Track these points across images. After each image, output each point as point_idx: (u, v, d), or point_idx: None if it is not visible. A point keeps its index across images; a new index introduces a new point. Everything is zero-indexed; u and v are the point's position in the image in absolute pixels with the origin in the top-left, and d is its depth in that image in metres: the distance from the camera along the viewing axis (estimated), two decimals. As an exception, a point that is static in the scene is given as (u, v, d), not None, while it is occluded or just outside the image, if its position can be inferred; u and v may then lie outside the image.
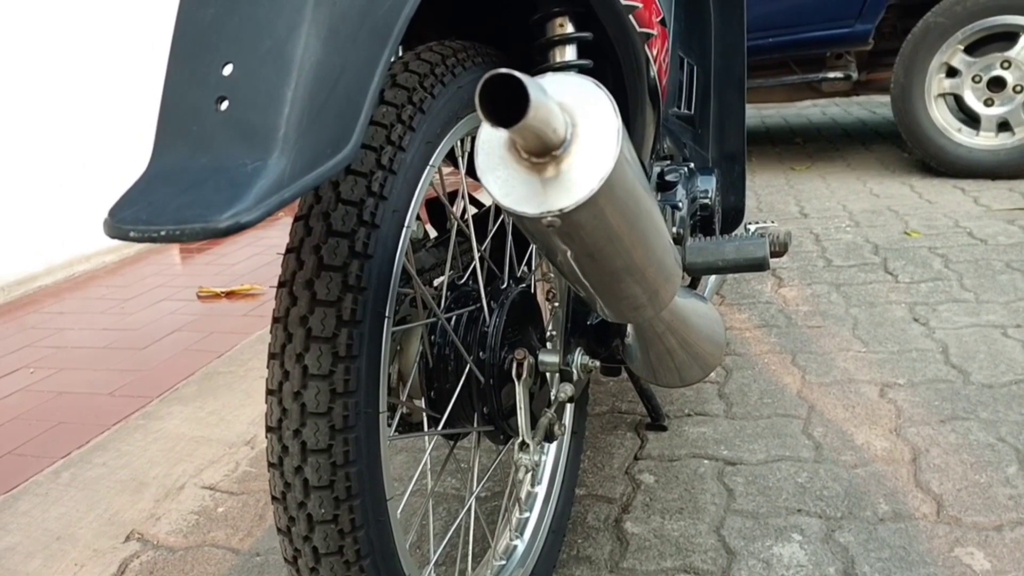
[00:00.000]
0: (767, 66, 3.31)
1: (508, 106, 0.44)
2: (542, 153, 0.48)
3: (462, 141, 0.85)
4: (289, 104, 0.49)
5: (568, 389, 0.85)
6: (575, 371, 0.86)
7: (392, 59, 0.59)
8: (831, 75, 3.11)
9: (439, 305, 0.86)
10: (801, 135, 4.19)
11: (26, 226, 2.65)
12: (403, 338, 0.85)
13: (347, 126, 0.53)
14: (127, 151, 3.01)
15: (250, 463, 1.47)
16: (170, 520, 1.31)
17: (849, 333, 1.74)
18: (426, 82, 0.72)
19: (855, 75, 3.12)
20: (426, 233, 1.00)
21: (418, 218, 1.03)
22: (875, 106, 4.86)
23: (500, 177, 0.50)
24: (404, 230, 0.66)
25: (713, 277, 1.57)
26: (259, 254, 2.84)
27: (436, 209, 1.09)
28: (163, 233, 0.45)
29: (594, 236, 0.52)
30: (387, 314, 0.64)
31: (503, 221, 0.97)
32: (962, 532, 1.06)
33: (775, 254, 1.38)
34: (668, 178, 1.36)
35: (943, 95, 2.88)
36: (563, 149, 0.48)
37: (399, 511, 0.71)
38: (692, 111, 1.70)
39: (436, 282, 0.93)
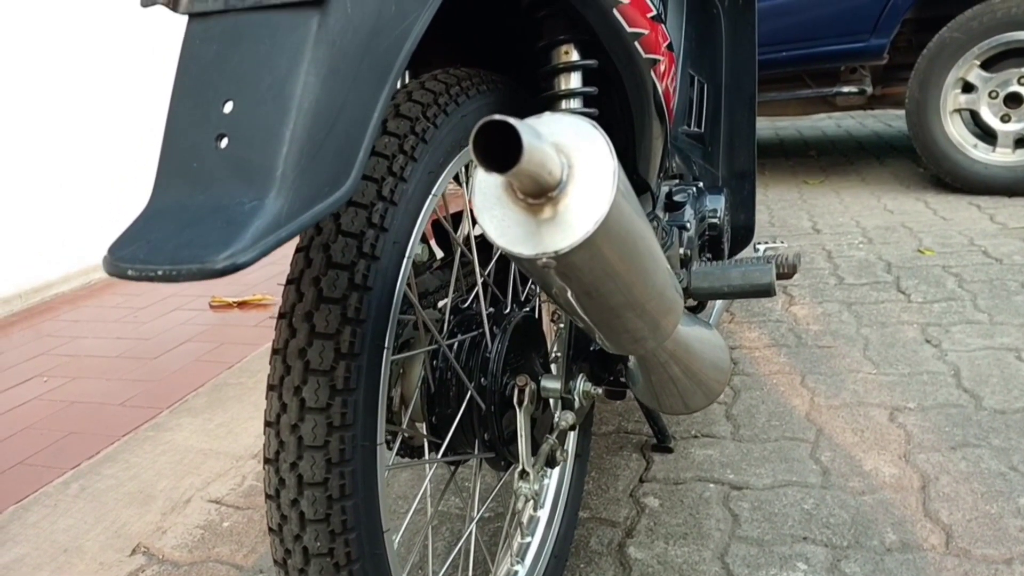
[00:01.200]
0: (781, 79, 3.30)
1: (503, 151, 0.44)
2: (538, 194, 0.49)
3: (467, 166, 0.85)
4: (287, 143, 0.49)
5: (569, 417, 0.85)
6: (577, 398, 0.86)
7: (396, 88, 0.60)
8: (845, 89, 3.10)
9: (441, 330, 0.86)
10: (815, 148, 4.17)
11: (44, 234, 2.69)
12: (405, 362, 0.85)
13: (346, 163, 0.53)
14: (145, 162, 3.04)
15: (256, 477, 1.48)
16: (176, 534, 1.32)
17: (860, 354, 1.72)
18: (429, 111, 0.72)
19: (870, 89, 3.10)
20: (431, 254, 1.01)
21: (423, 240, 1.04)
22: (890, 119, 4.83)
23: (496, 217, 0.50)
24: (405, 260, 0.67)
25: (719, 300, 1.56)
26: (272, 263, 2.86)
27: (442, 229, 1.10)
28: (160, 273, 0.46)
29: (591, 275, 0.52)
30: (386, 345, 0.64)
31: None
32: (972, 565, 1.05)
33: (784, 276, 1.38)
34: (676, 198, 1.35)
35: (959, 110, 2.85)
36: (559, 190, 0.48)
37: (397, 539, 0.71)
38: (702, 129, 1.70)
39: (440, 304, 0.93)
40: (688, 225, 1.34)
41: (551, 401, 0.91)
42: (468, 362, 0.85)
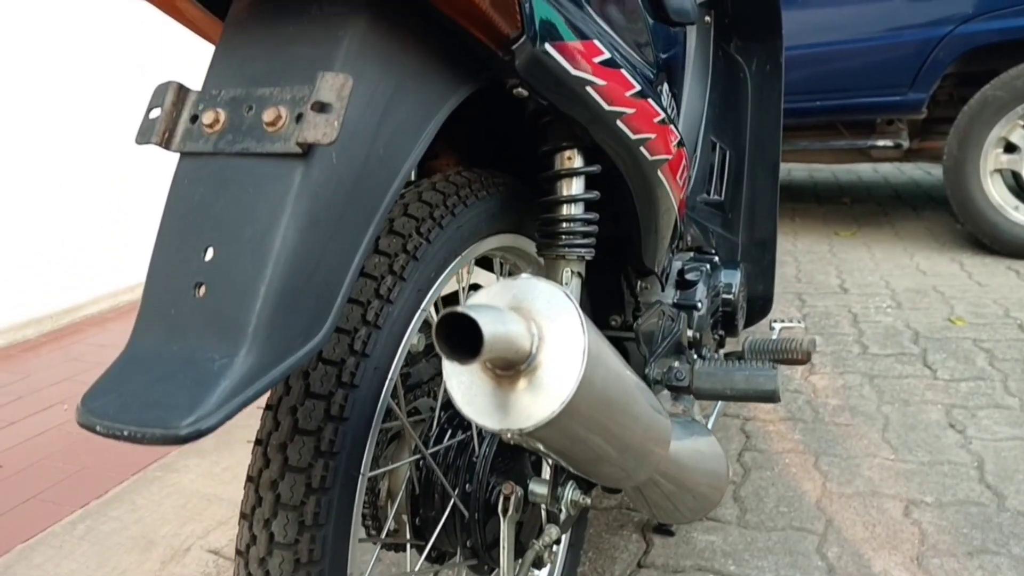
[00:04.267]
0: (815, 127, 3.25)
1: (469, 337, 0.43)
2: (507, 367, 0.48)
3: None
4: (262, 299, 0.49)
5: (554, 532, 0.84)
6: (565, 508, 0.85)
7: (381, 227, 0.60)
8: (880, 143, 3.04)
9: (431, 427, 0.86)
10: (850, 194, 4.09)
11: (75, 256, 2.76)
12: (392, 454, 0.85)
13: (321, 312, 0.53)
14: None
15: (257, 530, 1.48)
16: (172, 588, 1.33)
17: (878, 435, 1.67)
18: (423, 227, 0.72)
19: (906, 144, 3.04)
20: (427, 345, 1.00)
21: (426, 323, 1.03)
22: (930, 166, 4.72)
23: (463, 383, 0.49)
24: (387, 383, 0.66)
25: None
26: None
27: (447, 303, 1.09)
28: (126, 433, 0.46)
29: (560, 444, 0.51)
30: (362, 471, 0.64)
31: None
32: None
33: (797, 362, 1.35)
34: (688, 276, 1.33)
35: (999, 171, 2.77)
36: (528, 364, 0.48)
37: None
38: (723, 197, 1.67)
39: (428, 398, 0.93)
40: (699, 304, 1.31)
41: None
42: (456, 461, 0.85)
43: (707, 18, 1.65)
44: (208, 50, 0.62)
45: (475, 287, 1.21)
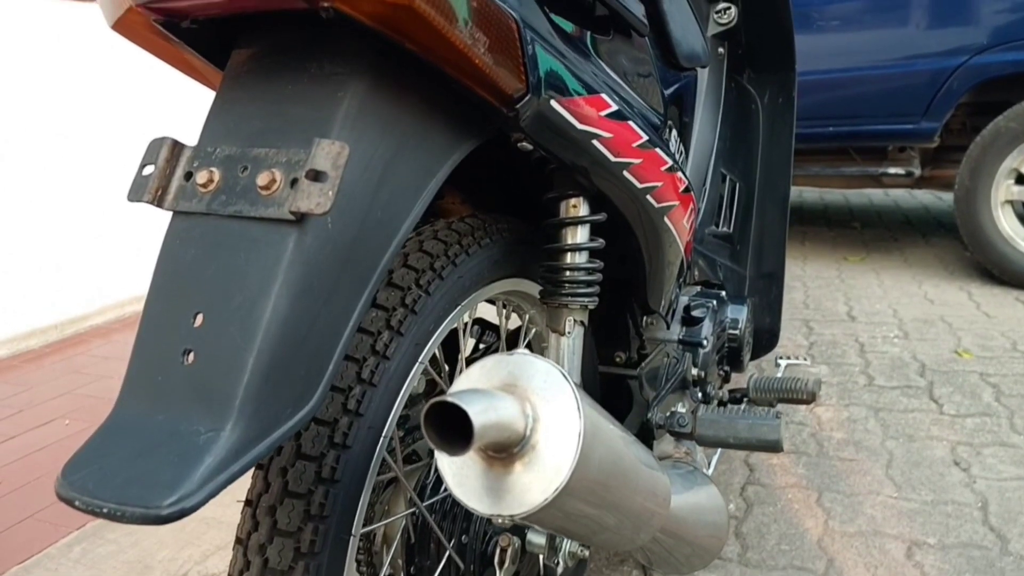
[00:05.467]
0: (826, 152, 3.23)
1: (458, 425, 0.42)
2: (500, 450, 0.47)
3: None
4: (250, 370, 0.49)
5: (549, 589, 0.82)
6: (562, 561, 0.83)
7: (375, 292, 0.59)
8: (892, 171, 3.02)
9: (428, 474, 0.85)
10: (860, 219, 4.07)
11: (83, 266, 2.76)
12: (390, 501, 0.84)
13: (312, 381, 0.52)
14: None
15: (253, 556, 1.47)
16: (166, 616, 1.32)
17: (882, 472, 1.65)
18: (423, 279, 0.71)
19: (917, 172, 3.02)
20: (429, 385, 0.99)
21: (433, 359, 1.01)
22: (941, 191, 4.69)
23: (455, 463, 0.48)
24: (381, 441, 0.65)
25: None
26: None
27: (450, 341, 1.08)
28: (105, 511, 0.45)
29: (556, 523, 0.50)
30: (353, 532, 0.63)
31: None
32: None
33: (802, 401, 1.33)
34: (694, 313, 1.32)
35: (1010, 202, 2.75)
36: (521, 447, 0.47)
37: None
38: (731, 229, 1.66)
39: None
40: (705, 342, 1.30)
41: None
42: (453, 510, 0.83)
43: (720, 49, 1.64)
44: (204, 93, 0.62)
45: (478, 322, 1.20)
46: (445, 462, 0.48)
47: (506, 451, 0.46)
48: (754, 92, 1.70)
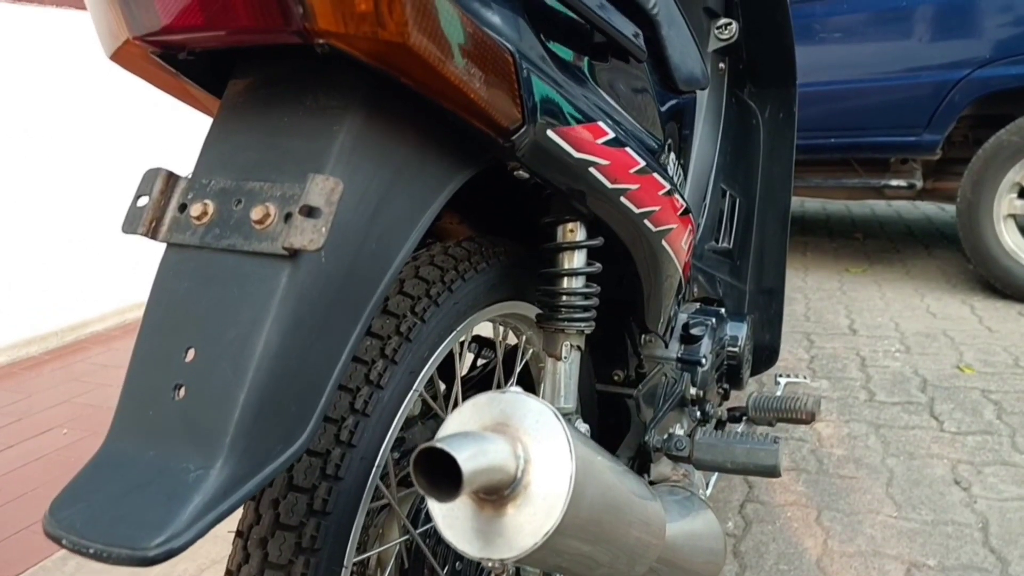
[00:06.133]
0: (829, 163, 3.23)
1: (448, 469, 0.42)
2: (491, 492, 0.46)
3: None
4: (241, 407, 0.48)
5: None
6: (555, 588, 0.83)
7: (368, 324, 0.58)
8: (894, 183, 3.02)
9: (422, 500, 0.84)
10: (862, 229, 4.06)
11: (83, 271, 2.77)
12: (383, 526, 0.84)
13: (303, 417, 0.52)
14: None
15: (249, 571, 1.47)
16: (160, 631, 1.31)
17: (882, 490, 1.64)
18: (419, 306, 0.71)
19: (919, 184, 3.02)
20: (425, 406, 0.99)
21: (429, 384, 1.01)
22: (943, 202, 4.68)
23: (445, 504, 0.48)
24: (374, 471, 0.65)
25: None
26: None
27: (447, 359, 1.08)
28: (92, 552, 0.45)
29: (548, 563, 0.50)
30: (345, 564, 0.62)
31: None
32: None
33: (801, 421, 1.32)
34: (693, 331, 1.32)
35: (1013, 215, 2.75)
36: (512, 489, 0.46)
37: None
38: (731, 244, 1.66)
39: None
40: (703, 360, 1.29)
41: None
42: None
43: (721, 65, 1.64)
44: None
45: (475, 340, 1.20)
46: (435, 503, 0.48)
47: (497, 493, 0.46)
48: (755, 107, 1.70)
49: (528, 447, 0.47)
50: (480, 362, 1.25)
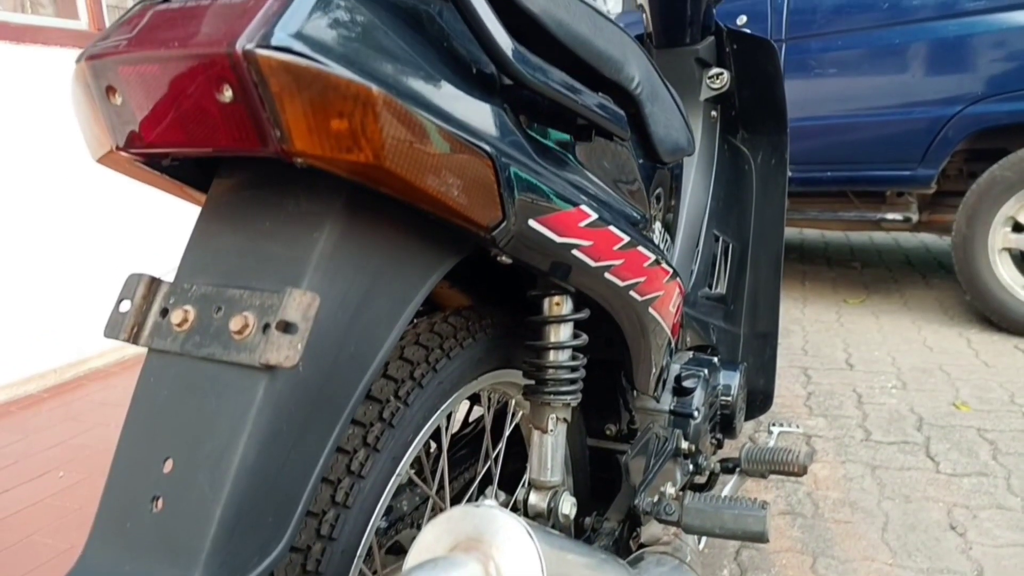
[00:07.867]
0: (825, 195, 3.24)
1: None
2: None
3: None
4: (217, 522, 0.49)
5: None
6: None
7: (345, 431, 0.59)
8: (890, 216, 3.03)
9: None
10: (861, 258, 4.07)
11: (81, 308, 2.78)
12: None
13: (280, 527, 0.52)
14: (176, 237, 3.14)
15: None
16: None
17: (878, 535, 1.64)
18: (402, 390, 0.72)
19: (915, 217, 3.03)
20: (410, 479, 0.99)
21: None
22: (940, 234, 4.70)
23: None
24: (355, 563, 0.65)
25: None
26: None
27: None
28: None
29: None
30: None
31: (489, 471, 0.96)
32: None
33: (793, 474, 1.32)
34: (686, 383, 1.32)
35: (1008, 249, 2.75)
36: (483, 606, 0.47)
37: None
38: (725, 290, 1.67)
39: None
40: (696, 413, 1.30)
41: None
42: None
43: (713, 112, 1.66)
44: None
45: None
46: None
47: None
48: (747, 152, 1.72)
49: (500, 566, 0.47)
50: (472, 420, 1.26)
